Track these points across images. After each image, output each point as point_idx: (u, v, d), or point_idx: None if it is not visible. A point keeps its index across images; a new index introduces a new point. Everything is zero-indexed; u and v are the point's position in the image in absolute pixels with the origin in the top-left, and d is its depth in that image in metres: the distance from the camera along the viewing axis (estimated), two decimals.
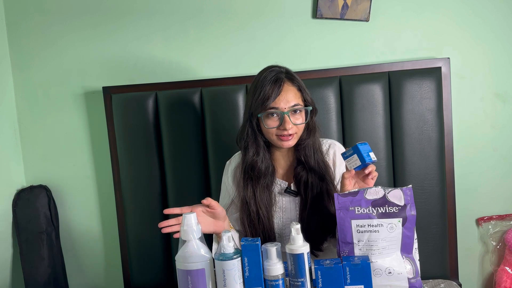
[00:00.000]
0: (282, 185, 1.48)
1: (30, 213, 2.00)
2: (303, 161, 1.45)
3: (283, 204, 1.48)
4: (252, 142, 1.44)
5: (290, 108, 1.38)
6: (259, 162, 1.44)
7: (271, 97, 1.36)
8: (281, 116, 1.38)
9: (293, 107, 1.38)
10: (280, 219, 1.48)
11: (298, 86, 1.42)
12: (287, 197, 1.48)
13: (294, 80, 1.42)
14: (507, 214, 1.96)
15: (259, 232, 1.45)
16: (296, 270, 1.12)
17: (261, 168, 1.44)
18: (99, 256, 2.14)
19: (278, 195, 1.48)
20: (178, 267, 1.13)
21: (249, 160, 1.45)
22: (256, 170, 1.44)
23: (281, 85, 1.38)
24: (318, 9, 1.92)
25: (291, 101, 1.38)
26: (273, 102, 1.37)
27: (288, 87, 1.40)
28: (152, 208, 1.95)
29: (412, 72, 1.84)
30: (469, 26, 1.91)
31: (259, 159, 1.44)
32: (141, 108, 1.92)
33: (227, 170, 1.58)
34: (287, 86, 1.40)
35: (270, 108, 1.37)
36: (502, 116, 1.94)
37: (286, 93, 1.38)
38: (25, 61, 2.06)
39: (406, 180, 1.83)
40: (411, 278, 1.18)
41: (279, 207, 1.48)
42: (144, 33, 2.01)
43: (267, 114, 1.38)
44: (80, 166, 2.09)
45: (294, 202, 1.47)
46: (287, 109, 1.38)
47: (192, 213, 1.14)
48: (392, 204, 1.16)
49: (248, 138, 1.45)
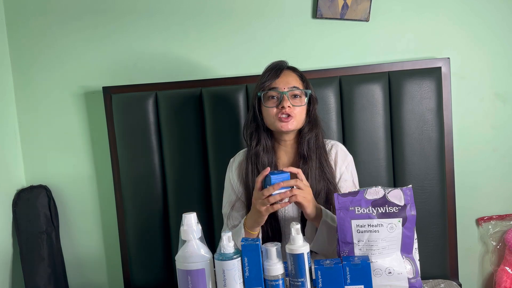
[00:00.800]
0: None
1: (30, 213, 2.00)
2: (305, 156, 1.47)
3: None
4: (254, 129, 1.51)
5: (289, 89, 1.44)
6: (262, 152, 1.49)
7: (271, 78, 1.45)
8: (280, 96, 1.43)
9: (293, 89, 1.45)
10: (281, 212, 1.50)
11: (300, 74, 1.50)
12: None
13: (296, 70, 1.51)
14: (507, 214, 1.96)
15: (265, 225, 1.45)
16: (296, 270, 1.12)
17: (265, 160, 1.49)
18: (99, 256, 2.14)
19: None
20: (178, 267, 1.13)
21: (253, 150, 1.50)
22: (259, 159, 1.49)
23: (281, 69, 1.47)
24: (318, 9, 1.92)
25: (290, 82, 1.46)
26: (273, 82, 1.45)
27: (289, 73, 1.49)
28: (152, 208, 1.95)
29: (412, 72, 1.84)
30: (469, 26, 1.91)
31: (261, 148, 1.49)
32: (141, 108, 1.92)
33: (231, 167, 1.60)
34: (288, 71, 1.49)
35: (270, 89, 1.44)
36: (502, 116, 1.94)
37: (286, 76, 1.47)
38: (25, 61, 2.06)
39: (406, 180, 1.83)
40: (411, 278, 1.18)
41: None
42: (144, 33, 2.01)
43: (267, 95, 1.45)
44: (80, 166, 2.09)
45: None
46: (286, 89, 1.44)
47: (192, 213, 1.14)
48: (392, 204, 1.16)
49: (251, 124, 1.51)
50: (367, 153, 1.83)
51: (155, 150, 1.94)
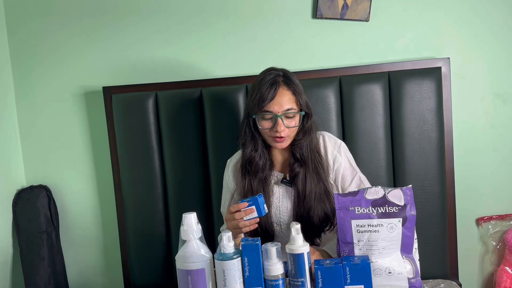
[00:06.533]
0: (279, 177, 1.54)
1: (30, 213, 2.00)
2: (299, 160, 1.50)
3: (280, 195, 1.53)
4: (250, 139, 1.52)
5: (283, 112, 1.43)
6: (257, 157, 1.51)
7: (266, 100, 1.42)
8: (274, 119, 1.43)
9: (286, 111, 1.43)
10: (277, 209, 1.53)
11: (294, 90, 1.46)
12: (283, 187, 1.53)
13: (290, 84, 1.46)
14: (507, 214, 1.96)
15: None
16: (296, 270, 1.12)
17: (259, 164, 1.51)
18: (99, 256, 2.14)
19: (274, 185, 1.54)
20: (178, 267, 1.13)
21: (247, 156, 1.52)
22: (253, 165, 1.51)
23: (276, 88, 1.43)
24: (318, 9, 1.92)
25: (284, 105, 1.43)
26: (267, 105, 1.43)
27: (283, 91, 1.44)
28: (152, 208, 1.95)
29: (412, 72, 1.84)
30: (469, 26, 1.91)
31: (257, 154, 1.51)
32: (141, 108, 1.92)
33: (228, 167, 1.64)
34: (282, 90, 1.44)
35: (264, 111, 1.43)
36: (502, 116, 1.94)
37: (280, 97, 1.43)
38: (26, 61, 2.06)
39: (406, 180, 1.83)
40: (411, 278, 1.18)
41: (276, 197, 1.53)
42: (144, 33, 2.01)
43: (261, 116, 1.45)
44: (80, 166, 2.09)
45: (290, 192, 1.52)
46: (281, 112, 1.43)
47: (192, 213, 1.15)
48: (392, 204, 1.17)
49: (246, 135, 1.52)
50: (367, 153, 1.83)
51: (155, 150, 1.94)
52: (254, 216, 1.32)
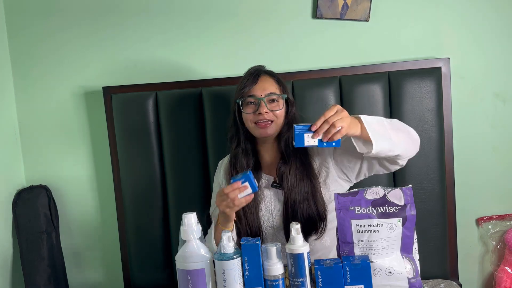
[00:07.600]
0: (269, 180, 1.53)
1: (30, 213, 2.00)
2: (285, 156, 1.49)
3: (271, 198, 1.51)
4: (235, 133, 1.54)
5: (266, 95, 1.47)
6: (240, 153, 1.52)
7: (248, 85, 1.48)
8: (257, 102, 1.46)
9: (270, 95, 1.47)
10: (269, 212, 1.51)
11: (277, 79, 1.52)
12: (274, 190, 1.51)
13: (274, 75, 1.53)
14: (507, 214, 1.96)
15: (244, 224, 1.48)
16: (296, 270, 1.12)
17: (242, 161, 1.51)
18: (99, 255, 2.14)
19: (265, 189, 1.52)
20: (178, 267, 1.13)
21: (233, 152, 1.54)
22: (238, 161, 1.52)
23: (259, 75, 1.49)
24: (318, 9, 1.92)
25: (267, 89, 1.48)
26: (250, 89, 1.47)
27: (266, 78, 1.51)
28: (152, 208, 1.95)
29: (412, 72, 1.84)
30: (469, 26, 1.91)
31: (240, 149, 1.52)
32: (141, 108, 1.92)
33: (219, 168, 1.65)
34: (264, 77, 1.51)
35: (248, 96, 1.47)
36: (502, 116, 1.94)
37: (263, 82, 1.49)
38: (26, 61, 2.06)
39: (406, 180, 1.83)
40: (411, 278, 1.18)
41: (268, 201, 1.51)
42: (144, 33, 2.01)
43: (246, 102, 1.48)
44: (80, 166, 2.09)
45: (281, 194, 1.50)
46: (263, 95, 1.47)
47: (192, 213, 1.15)
48: (392, 204, 1.16)
49: (232, 128, 1.54)
50: None
51: (155, 150, 1.94)
52: (248, 192, 1.31)
